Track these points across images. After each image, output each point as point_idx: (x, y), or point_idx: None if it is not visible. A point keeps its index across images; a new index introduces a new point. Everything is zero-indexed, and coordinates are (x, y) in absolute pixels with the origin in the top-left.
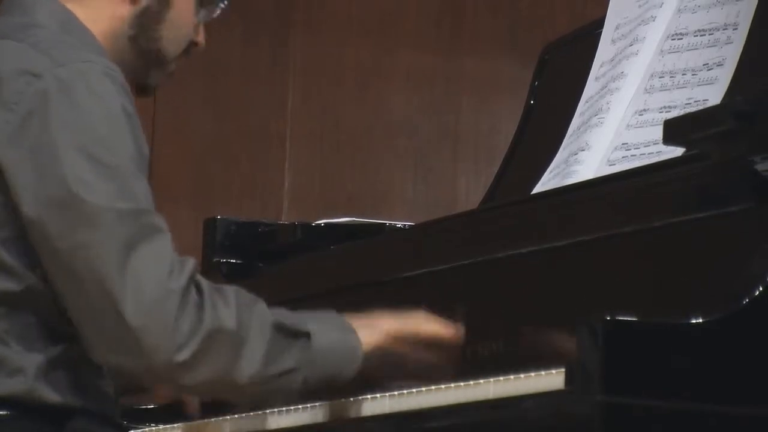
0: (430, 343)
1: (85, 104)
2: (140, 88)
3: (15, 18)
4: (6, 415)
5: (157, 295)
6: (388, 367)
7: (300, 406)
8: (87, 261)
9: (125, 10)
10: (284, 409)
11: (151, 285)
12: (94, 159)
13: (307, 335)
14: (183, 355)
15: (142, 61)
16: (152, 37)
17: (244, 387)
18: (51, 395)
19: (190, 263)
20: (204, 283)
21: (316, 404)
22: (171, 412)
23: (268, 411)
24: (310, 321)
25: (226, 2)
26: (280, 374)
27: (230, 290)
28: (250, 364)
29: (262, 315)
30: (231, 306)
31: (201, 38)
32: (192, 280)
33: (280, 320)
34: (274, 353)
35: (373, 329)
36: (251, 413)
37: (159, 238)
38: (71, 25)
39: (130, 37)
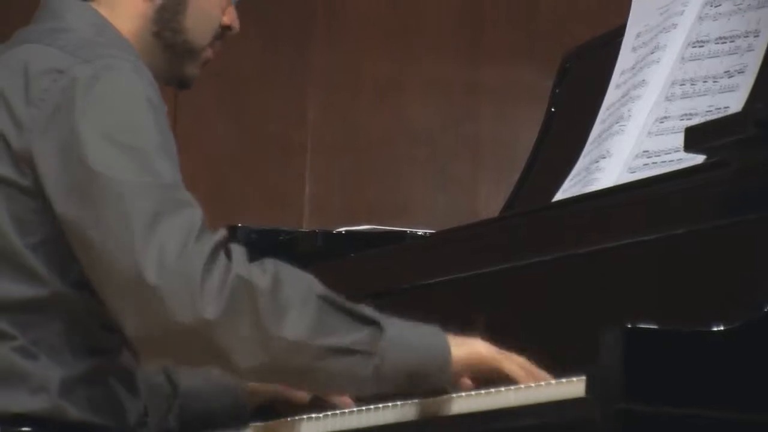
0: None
1: (110, 95)
2: (179, 81)
3: (46, 24)
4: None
5: (181, 257)
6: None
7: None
8: (113, 236)
9: (145, 8)
10: (320, 414)
11: (175, 248)
12: (118, 143)
13: (377, 324)
14: (209, 313)
15: (172, 55)
16: (176, 30)
17: (290, 354)
18: (74, 413)
19: (221, 232)
20: (237, 249)
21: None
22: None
23: (337, 412)
24: (389, 317)
25: None
26: (336, 351)
27: (269, 261)
28: (291, 328)
29: (308, 284)
30: (267, 270)
31: (233, 21)
32: (221, 246)
33: (335, 296)
34: (325, 325)
35: (465, 344)
36: (321, 414)
37: (185, 211)
38: (103, 27)
39: (154, 34)
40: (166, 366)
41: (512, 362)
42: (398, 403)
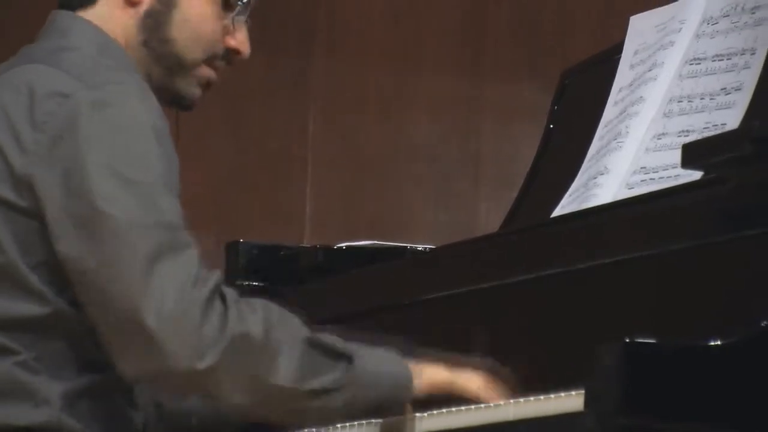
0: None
1: (114, 123)
2: (173, 98)
3: (51, 42)
4: None
5: (180, 303)
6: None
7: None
8: (113, 276)
9: (130, 15)
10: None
11: (174, 294)
12: (121, 176)
13: (348, 357)
14: (206, 362)
15: (162, 67)
16: (163, 39)
17: (277, 399)
18: (75, 426)
19: (215, 275)
20: (230, 293)
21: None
22: None
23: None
24: (356, 346)
25: (245, 0)
26: (317, 392)
27: (259, 302)
28: (281, 376)
29: (294, 328)
30: (258, 316)
31: (240, 45)
32: (217, 291)
33: (317, 337)
34: (310, 368)
35: (425, 373)
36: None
37: (184, 253)
38: (107, 46)
39: (141, 42)
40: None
41: (469, 384)
42: (377, 421)
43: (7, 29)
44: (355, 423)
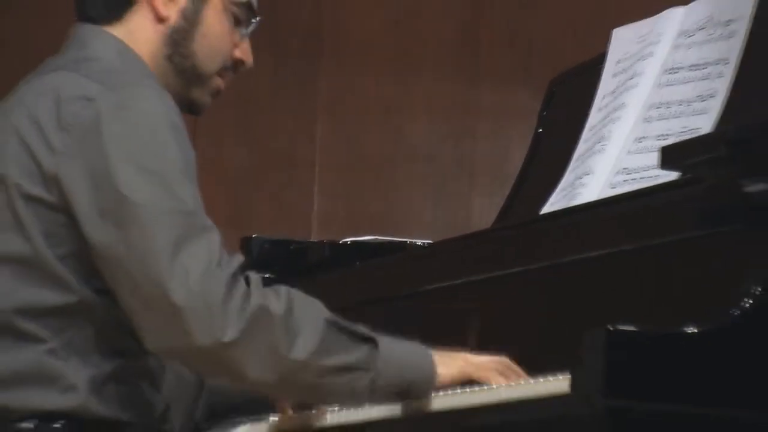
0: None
1: (134, 122)
2: (188, 106)
3: (74, 52)
4: (59, 428)
5: (205, 282)
6: None
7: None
8: (140, 259)
9: (158, 31)
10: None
11: (199, 273)
12: (143, 168)
13: (374, 341)
14: (229, 336)
15: (181, 78)
16: (185, 54)
17: (298, 375)
18: (101, 410)
19: (238, 258)
20: (254, 277)
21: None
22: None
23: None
24: (382, 335)
25: (257, 18)
26: (338, 369)
27: (283, 287)
28: (300, 350)
29: (316, 309)
30: (281, 297)
31: (245, 56)
32: (240, 272)
33: (339, 320)
34: (330, 346)
35: (448, 364)
36: (306, 411)
37: (206, 236)
38: (126, 54)
39: (165, 56)
40: None
41: (491, 375)
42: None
43: (7, 37)
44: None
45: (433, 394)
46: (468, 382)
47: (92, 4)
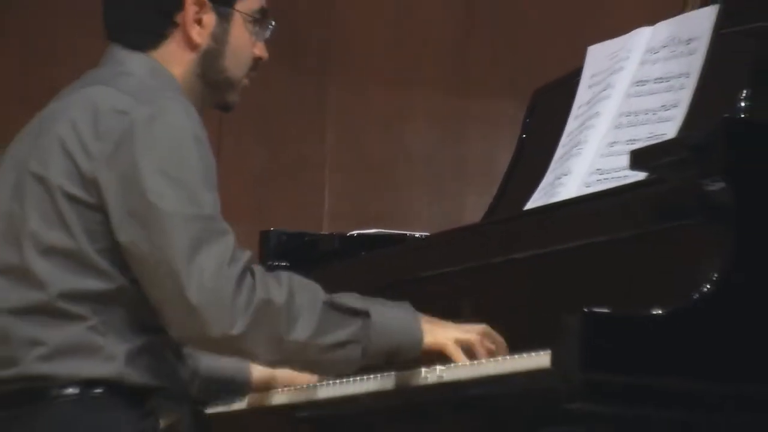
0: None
1: (162, 133)
2: (221, 107)
3: (111, 68)
4: (100, 392)
5: (217, 281)
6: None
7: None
8: (161, 259)
9: (191, 56)
10: (332, 382)
11: (212, 273)
12: (169, 176)
13: (365, 313)
14: (238, 328)
15: (213, 89)
16: (218, 70)
17: (300, 354)
18: (136, 378)
19: (246, 255)
20: (258, 269)
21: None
22: None
23: (321, 384)
24: (376, 304)
25: (273, 23)
26: (335, 345)
27: (284, 274)
28: (300, 333)
29: (313, 293)
30: (283, 286)
31: (262, 53)
32: (247, 268)
33: (335, 299)
34: (327, 326)
35: (434, 332)
36: (305, 385)
37: (220, 239)
38: (157, 72)
39: (197, 75)
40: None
41: (468, 342)
42: (392, 373)
43: (8, 34)
44: (385, 374)
45: (429, 368)
46: (450, 347)
47: (130, 36)
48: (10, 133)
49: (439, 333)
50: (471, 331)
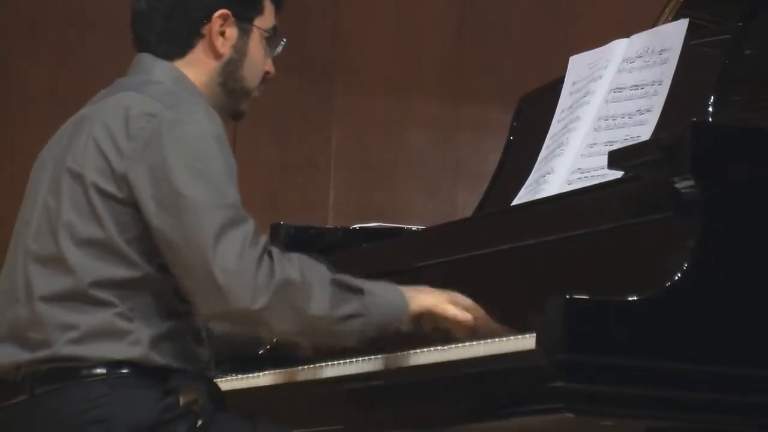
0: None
1: (188, 134)
2: (234, 115)
3: (139, 77)
4: (127, 372)
5: (239, 262)
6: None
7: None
8: (191, 243)
9: (215, 64)
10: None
11: (235, 255)
12: (194, 170)
13: (361, 291)
14: (260, 303)
15: (232, 97)
16: (237, 78)
17: (316, 325)
18: (159, 359)
19: (264, 239)
20: (275, 251)
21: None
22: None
23: (330, 363)
24: (369, 284)
25: (284, 40)
26: (344, 318)
27: (295, 255)
28: (318, 306)
29: (322, 271)
30: (296, 266)
31: (271, 69)
32: (265, 250)
33: (339, 277)
34: (336, 301)
35: (417, 299)
36: (317, 365)
37: (242, 225)
38: (181, 80)
39: (218, 83)
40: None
41: (454, 305)
42: (388, 355)
43: (38, 50)
44: (379, 356)
45: (424, 350)
46: (432, 313)
47: (160, 46)
48: (46, 134)
49: (421, 298)
50: (447, 297)
